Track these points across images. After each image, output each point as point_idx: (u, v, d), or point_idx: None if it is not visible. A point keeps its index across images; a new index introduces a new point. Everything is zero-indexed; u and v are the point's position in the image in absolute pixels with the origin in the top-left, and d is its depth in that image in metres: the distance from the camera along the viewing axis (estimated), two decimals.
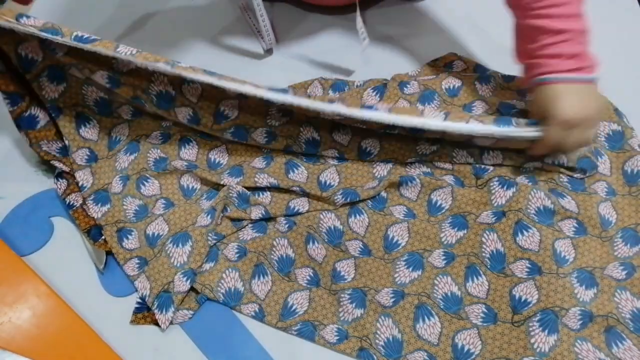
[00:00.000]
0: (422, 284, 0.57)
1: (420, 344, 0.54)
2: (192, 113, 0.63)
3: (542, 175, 0.61)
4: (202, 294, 0.57)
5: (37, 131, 0.63)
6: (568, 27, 0.55)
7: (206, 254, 0.59)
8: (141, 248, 0.60)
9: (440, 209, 0.61)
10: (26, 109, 0.62)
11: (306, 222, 0.61)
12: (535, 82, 0.57)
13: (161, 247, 0.59)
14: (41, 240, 0.61)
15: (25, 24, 0.54)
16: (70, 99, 0.64)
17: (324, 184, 0.62)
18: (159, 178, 0.64)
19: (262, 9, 0.70)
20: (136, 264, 0.59)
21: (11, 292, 0.56)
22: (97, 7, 0.84)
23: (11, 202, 0.64)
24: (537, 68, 0.57)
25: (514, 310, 0.54)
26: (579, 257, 0.56)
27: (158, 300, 0.56)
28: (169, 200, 0.63)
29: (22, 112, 0.62)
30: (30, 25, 0.54)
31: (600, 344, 0.52)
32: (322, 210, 0.61)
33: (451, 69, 0.73)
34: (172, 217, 0.61)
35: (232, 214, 0.61)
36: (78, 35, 0.55)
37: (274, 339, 0.55)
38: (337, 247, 0.60)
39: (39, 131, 0.63)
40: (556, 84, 0.55)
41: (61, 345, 0.54)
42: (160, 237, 0.60)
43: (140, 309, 0.57)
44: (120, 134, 0.66)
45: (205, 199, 0.63)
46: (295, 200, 0.62)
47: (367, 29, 0.72)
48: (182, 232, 0.59)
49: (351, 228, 0.60)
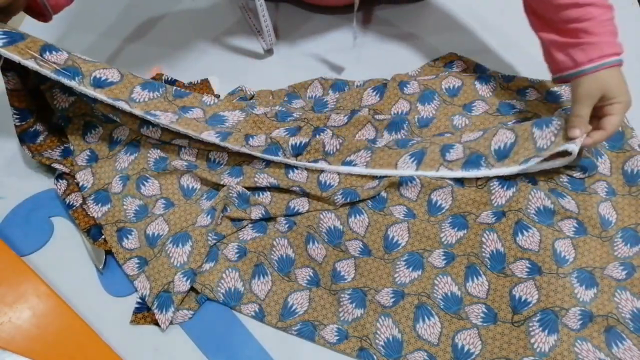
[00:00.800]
0: (422, 284, 0.57)
1: (420, 344, 0.54)
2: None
3: (542, 175, 0.61)
4: (202, 294, 0.57)
5: (38, 145, 0.65)
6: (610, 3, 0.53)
7: (206, 254, 0.59)
8: (141, 248, 0.60)
9: (440, 209, 0.61)
10: (32, 125, 0.64)
11: (306, 222, 0.61)
12: (601, 66, 0.54)
13: (161, 247, 0.59)
14: (41, 240, 0.61)
15: (48, 61, 0.56)
16: (79, 109, 0.67)
17: (324, 184, 0.62)
18: (159, 178, 0.64)
19: (263, 9, 0.70)
20: (136, 264, 0.59)
21: (11, 292, 0.56)
22: (100, 9, 0.84)
23: (11, 202, 0.64)
24: (595, 50, 0.54)
25: (514, 310, 0.54)
26: (579, 257, 0.56)
27: (158, 300, 0.56)
28: (169, 200, 0.63)
29: (29, 127, 0.63)
30: (52, 62, 0.57)
31: (600, 344, 0.52)
32: (322, 210, 0.61)
33: (451, 69, 0.73)
34: (172, 217, 0.61)
35: (232, 214, 0.61)
36: (97, 78, 0.59)
37: (274, 339, 0.55)
38: (337, 247, 0.60)
39: (40, 145, 0.65)
40: (619, 66, 0.54)
41: (61, 345, 0.54)
42: (160, 237, 0.60)
43: (140, 309, 0.57)
44: (121, 135, 0.66)
45: (205, 199, 0.63)
46: (295, 200, 0.62)
47: (368, 29, 0.72)
48: (182, 232, 0.59)
49: (351, 228, 0.60)
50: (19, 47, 0.55)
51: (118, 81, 0.60)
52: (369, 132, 0.66)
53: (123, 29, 0.81)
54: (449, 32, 0.79)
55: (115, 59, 0.78)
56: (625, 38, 0.53)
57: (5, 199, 0.64)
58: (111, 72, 0.60)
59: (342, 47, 0.78)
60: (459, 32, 0.79)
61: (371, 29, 0.81)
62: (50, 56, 0.57)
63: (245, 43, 0.79)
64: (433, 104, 0.68)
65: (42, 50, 0.57)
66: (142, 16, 0.83)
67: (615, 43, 0.54)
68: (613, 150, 0.63)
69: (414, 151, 0.62)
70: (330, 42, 0.79)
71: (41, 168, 0.66)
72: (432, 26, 0.80)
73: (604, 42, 0.54)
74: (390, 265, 0.58)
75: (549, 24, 0.57)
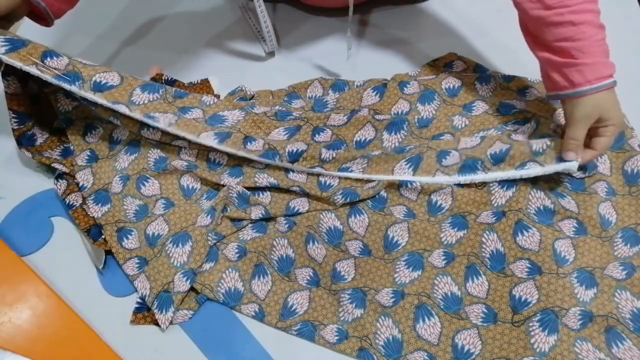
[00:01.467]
0: (422, 284, 0.57)
1: (420, 344, 0.54)
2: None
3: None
4: (202, 294, 0.57)
5: (38, 147, 0.65)
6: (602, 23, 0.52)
7: (206, 254, 0.59)
8: (141, 248, 0.60)
9: (440, 209, 0.61)
10: (30, 128, 0.64)
11: (306, 222, 0.61)
12: (599, 88, 0.53)
13: (161, 247, 0.59)
14: (41, 240, 0.61)
15: (49, 67, 0.57)
16: (82, 112, 0.67)
17: (323, 184, 0.62)
18: (159, 178, 0.64)
19: (264, 14, 0.71)
20: (136, 263, 0.59)
21: (11, 292, 0.56)
22: (102, 11, 0.84)
23: (11, 202, 0.64)
24: (592, 71, 0.53)
25: (514, 310, 0.54)
26: (579, 257, 0.56)
27: (158, 300, 0.56)
28: (169, 200, 0.63)
29: (27, 131, 0.64)
30: (53, 68, 0.57)
31: (600, 344, 0.52)
32: (322, 210, 0.61)
33: (451, 69, 0.73)
34: (172, 217, 0.61)
35: (232, 214, 0.61)
36: (97, 82, 0.59)
37: (274, 339, 0.55)
38: (337, 247, 0.60)
39: (40, 147, 0.65)
40: (614, 88, 0.54)
41: (61, 345, 0.54)
42: (161, 237, 0.60)
43: (140, 309, 0.57)
44: (121, 135, 0.66)
45: (205, 199, 0.63)
46: (295, 200, 0.62)
47: (368, 30, 0.72)
48: (182, 232, 0.59)
49: (351, 228, 0.60)
50: (20, 53, 0.56)
51: (118, 84, 0.60)
52: (368, 132, 0.66)
53: (124, 32, 0.81)
54: (449, 32, 0.79)
55: (115, 59, 0.78)
56: (625, 38, 0.53)
57: (5, 199, 0.64)
58: (111, 75, 0.60)
59: (344, 49, 0.78)
60: (459, 32, 0.79)
61: (372, 30, 0.80)
62: (51, 62, 0.57)
63: (246, 44, 0.79)
64: (433, 104, 0.68)
65: (43, 56, 0.57)
66: (142, 16, 0.83)
67: (610, 64, 0.54)
68: (613, 150, 0.63)
69: (411, 157, 0.62)
70: (332, 44, 0.79)
71: (41, 168, 0.66)
72: (432, 26, 0.80)
73: (601, 63, 0.53)
74: (390, 265, 0.58)
75: (544, 44, 0.56)
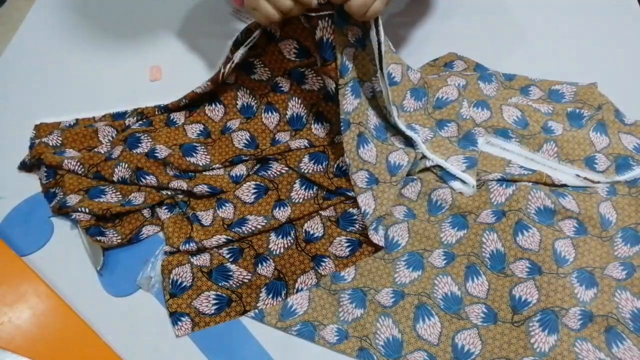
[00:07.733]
0: (422, 284, 0.57)
1: (420, 344, 0.54)
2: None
3: None
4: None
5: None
6: None
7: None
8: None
9: (440, 208, 0.61)
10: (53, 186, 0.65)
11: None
12: None
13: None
14: (41, 240, 0.61)
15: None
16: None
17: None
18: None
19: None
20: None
21: (11, 292, 0.56)
22: (100, 11, 0.84)
23: (11, 202, 0.64)
24: None
25: (514, 310, 0.54)
26: (579, 257, 0.56)
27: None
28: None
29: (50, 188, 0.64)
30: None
31: (600, 344, 0.52)
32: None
33: (451, 69, 0.73)
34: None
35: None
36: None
37: (274, 339, 0.55)
38: None
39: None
40: None
41: (61, 345, 0.54)
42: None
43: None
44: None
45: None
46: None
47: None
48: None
49: None
50: None
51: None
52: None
53: (120, 31, 0.81)
54: (449, 32, 0.79)
55: (115, 59, 0.78)
56: (625, 38, 0.53)
57: (5, 199, 0.64)
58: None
59: None
60: (459, 32, 0.79)
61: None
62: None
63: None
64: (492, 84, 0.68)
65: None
66: (142, 17, 0.83)
67: None
68: (627, 185, 0.63)
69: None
70: None
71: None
72: (432, 26, 0.80)
73: None
74: (390, 265, 0.58)
75: None
